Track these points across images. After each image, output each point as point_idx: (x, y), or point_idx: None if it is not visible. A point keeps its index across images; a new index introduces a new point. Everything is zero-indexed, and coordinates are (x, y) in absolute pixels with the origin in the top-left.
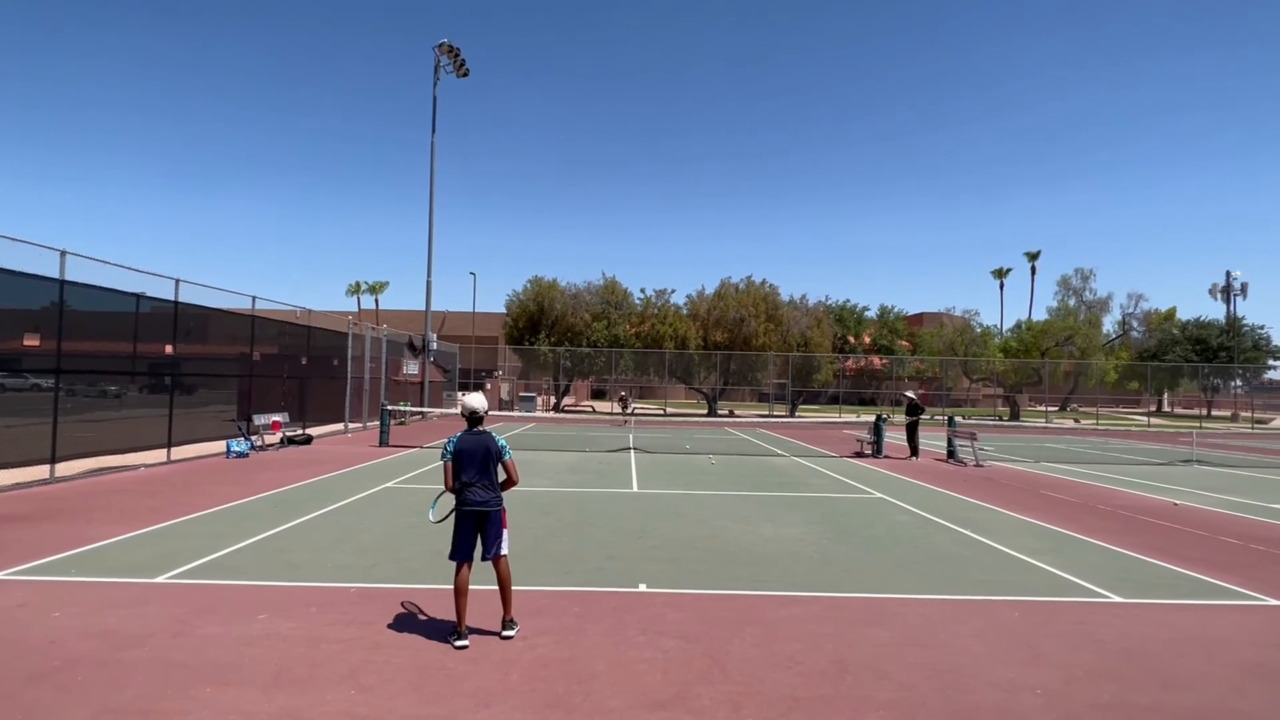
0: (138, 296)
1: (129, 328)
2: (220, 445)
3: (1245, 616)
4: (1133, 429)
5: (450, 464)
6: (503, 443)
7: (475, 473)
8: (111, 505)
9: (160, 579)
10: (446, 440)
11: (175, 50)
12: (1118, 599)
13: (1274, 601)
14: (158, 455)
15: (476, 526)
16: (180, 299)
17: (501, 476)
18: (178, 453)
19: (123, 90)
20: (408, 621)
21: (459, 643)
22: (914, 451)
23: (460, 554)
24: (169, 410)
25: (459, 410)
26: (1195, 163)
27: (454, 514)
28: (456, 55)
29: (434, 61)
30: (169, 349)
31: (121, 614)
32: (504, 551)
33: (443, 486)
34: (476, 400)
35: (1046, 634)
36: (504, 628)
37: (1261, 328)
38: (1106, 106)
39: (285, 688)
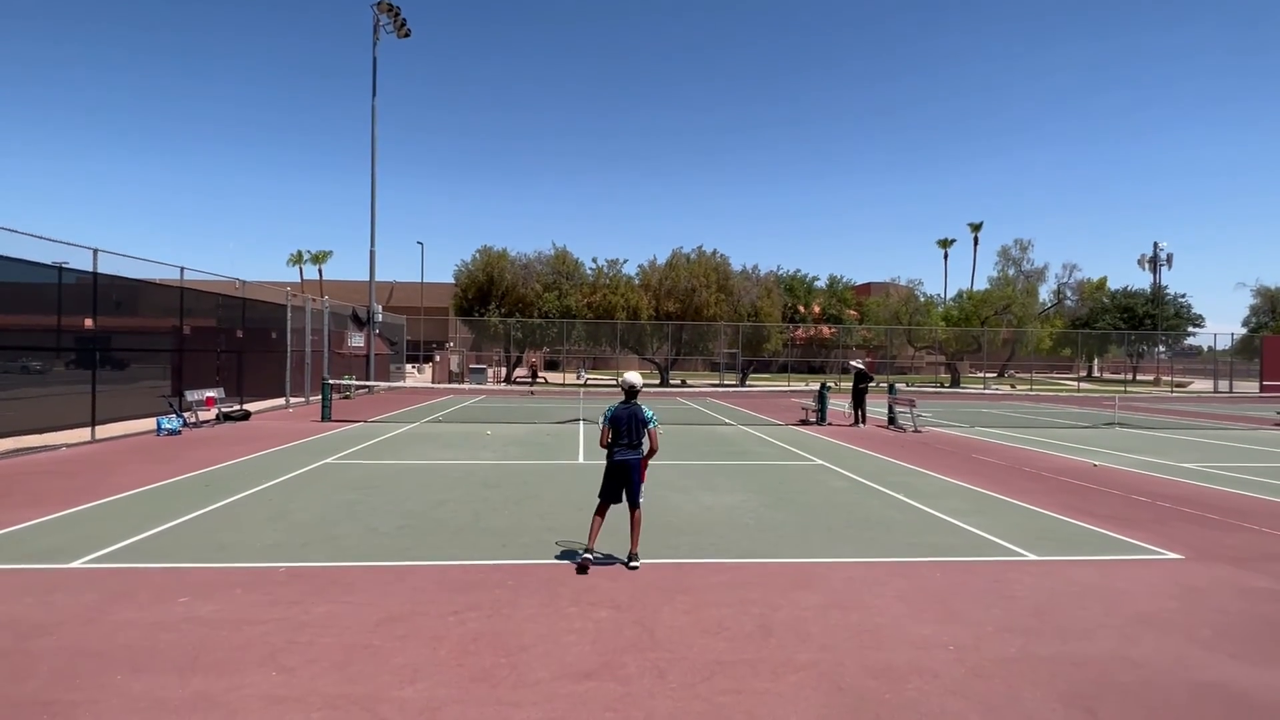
0: (59, 268)
1: (52, 301)
2: (151, 423)
3: (1145, 570)
4: (1063, 394)
5: (607, 427)
6: (650, 413)
7: (625, 435)
8: (27, 488)
9: (75, 564)
10: (607, 409)
11: (94, 5)
12: (1033, 557)
13: (1172, 555)
14: (82, 434)
15: (623, 477)
16: (101, 270)
17: (645, 444)
18: (105, 431)
19: (44, 50)
20: (337, 600)
21: (584, 555)
22: (861, 419)
23: (606, 497)
24: (92, 386)
25: (619, 384)
26: (1131, 137)
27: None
28: (397, 14)
29: (373, 21)
30: (88, 322)
31: (29, 602)
32: (641, 499)
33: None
34: (635, 377)
35: (963, 592)
36: (630, 559)
37: (1183, 296)
38: (1051, 80)
39: (202, 672)
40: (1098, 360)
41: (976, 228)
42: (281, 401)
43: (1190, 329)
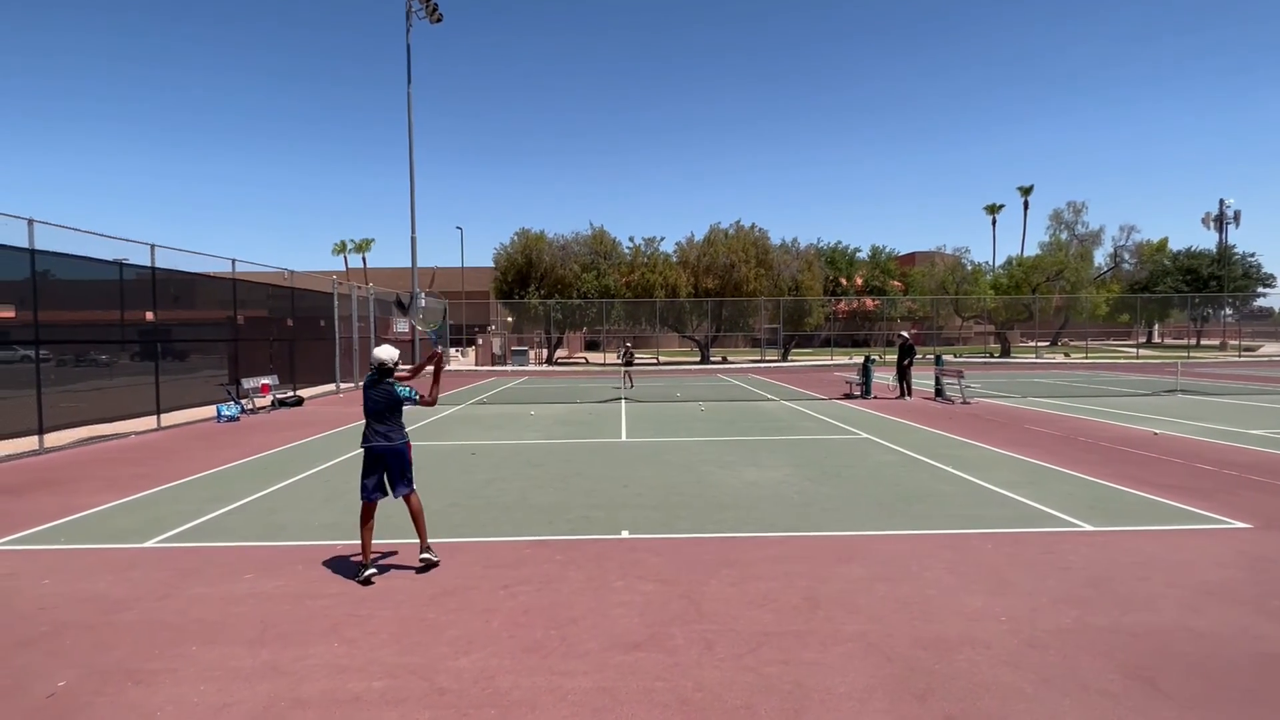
0: (120, 264)
1: (115, 295)
2: (211, 410)
3: (1209, 540)
4: (1121, 361)
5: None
6: (406, 390)
7: (379, 418)
8: (101, 474)
9: (148, 544)
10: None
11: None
12: (1089, 527)
13: (1239, 524)
14: (148, 422)
15: (384, 465)
16: (158, 265)
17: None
18: (169, 419)
19: (90, 55)
20: (392, 576)
21: (367, 573)
22: (907, 391)
23: (371, 493)
24: (155, 377)
25: (370, 360)
26: (1195, 90)
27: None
28: (429, 0)
29: (405, 7)
30: (149, 315)
31: (110, 579)
32: (413, 488)
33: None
34: (386, 350)
35: (1016, 564)
36: (424, 552)
37: (1252, 255)
38: (1104, 32)
39: (270, 643)
40: (1158, 325)
41: (1026, 191)
42: (332, 387)
43: (1260, 289)
